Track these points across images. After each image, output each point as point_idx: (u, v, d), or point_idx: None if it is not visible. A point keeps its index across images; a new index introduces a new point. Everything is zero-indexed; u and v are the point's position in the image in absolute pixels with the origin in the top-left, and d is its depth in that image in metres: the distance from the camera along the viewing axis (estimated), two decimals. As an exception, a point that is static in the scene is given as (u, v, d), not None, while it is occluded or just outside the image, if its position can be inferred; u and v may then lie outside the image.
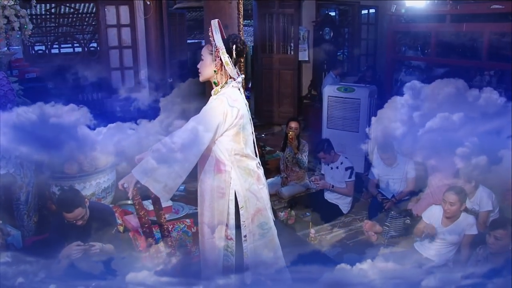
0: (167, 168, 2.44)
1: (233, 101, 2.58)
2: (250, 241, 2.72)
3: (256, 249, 2.74)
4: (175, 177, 2.48)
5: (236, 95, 2.64)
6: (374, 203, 4.72)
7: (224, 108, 2.54)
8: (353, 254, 4.06)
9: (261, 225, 2.76)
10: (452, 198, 3.53)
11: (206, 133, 2.50)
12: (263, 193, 2.78)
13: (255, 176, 2.74)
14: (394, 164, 4.71)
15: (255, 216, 2.72)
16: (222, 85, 2.66)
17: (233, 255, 2.71)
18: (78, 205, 3.16)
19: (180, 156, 2.45)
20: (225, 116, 2.54)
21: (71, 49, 8.76)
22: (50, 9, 8.11)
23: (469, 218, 3.61)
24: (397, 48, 6.63)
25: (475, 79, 5.77)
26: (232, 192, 2.65)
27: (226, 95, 2.59)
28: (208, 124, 2.51)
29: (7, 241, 3.42)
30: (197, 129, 2.48)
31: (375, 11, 9.20)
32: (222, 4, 4.39)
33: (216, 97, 2.61)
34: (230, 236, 2.69)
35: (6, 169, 3.56)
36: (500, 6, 5.01)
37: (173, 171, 2.46)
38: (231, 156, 2.64)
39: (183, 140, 2.46)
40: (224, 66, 2.60)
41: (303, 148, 5.13)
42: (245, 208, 2.68)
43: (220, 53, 2.57)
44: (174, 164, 2.45)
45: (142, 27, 6.98)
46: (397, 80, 6.83)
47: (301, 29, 8.17)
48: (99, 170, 4.42)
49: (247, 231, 2.70)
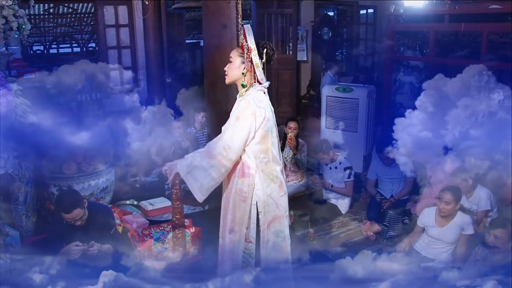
0: (204, 170, 2.58)
1: (259, 102, 2.60)
2: (263, 247, 2.73)
3: (267, 255, 2.74)
4: (210, 180, 2.60)
5: (261, 97, 2.66)
6: (373, 203, 4.72)
7: (252, 108, 2.57)
8: (352, 254, 4.06)
9: (276, 232, 2.76)
10: (447, 197, 3.55)
11: (240, 137, 2.56)
12: (283, 201, 2.78)
13: (277, 182, 2.73)
14: (393, 164, 4.71)
15: (271, 222, 2.73)
16: (247, 88, 2.67)
17: (252, 257, 2.73)
18: (76, 205, 3.15)
19: (215, 161, 2.56)
20: (254, 117, 2.57)
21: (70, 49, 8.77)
22: (48, 9, 8.10)
23: (465, 218, 3.62)
24: (396, 48, 6.63)
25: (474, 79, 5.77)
26: (255, 196, 2.67)
27: (252, 96, 2.62)
28: (241, 128, 2.56)
29: (5, 242, 3.41)
30: (231, 135, 2.56)
31: (373, 11, 9.21)
32: (221, 4, 4.38)
33: (242, 98, 2.64)
34: (250, 239, 2.71)
35: (5, 169, 3.56)
36: (499, 6, 5.01)
37: (209, 175, 2.58)
38: (257, 159, 2.65)
39: (219, 146, 2.57)
40: (253, 68, 2.63)
41: (302, 148, 5.14)
42: (263, 213, 2.69)
43: (252, 54, 2.61)
44: (211, 168, 2.57)
45: (141, 27, 6.97)
46: (395, 80, 6.84)
47: (300, 29, 8.18)
48: (97, 170, 4.42)
49: (262, 237, 2.72)
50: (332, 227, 4.58)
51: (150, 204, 4.45)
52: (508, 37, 5.30)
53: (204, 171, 2.57)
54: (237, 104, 2.67)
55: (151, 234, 3.70)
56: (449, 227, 3.62)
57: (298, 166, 5.08)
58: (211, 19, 4.45)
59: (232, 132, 2.57)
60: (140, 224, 3.98)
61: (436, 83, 4.12)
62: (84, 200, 3.36)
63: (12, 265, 2.82)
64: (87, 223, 3.27)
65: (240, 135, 2.56)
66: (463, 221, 3.60)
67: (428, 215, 3.76)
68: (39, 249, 3.17)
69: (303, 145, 5.16)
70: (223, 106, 4.49)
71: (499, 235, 3.17)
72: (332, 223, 4.64)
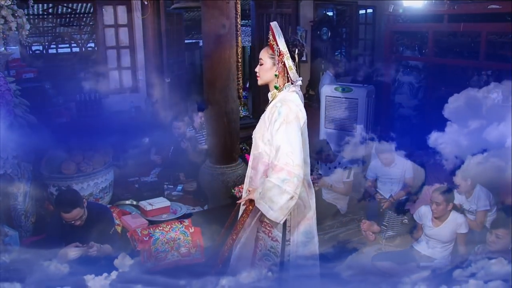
0: (277, 188, 2.41)
1: (296, 106, 2.58)
2: (293, 247, 2.71)
3: (297, 255, 2.73)
4: (287, 197, 2.42)
5: (297, 100, 2.63)
6: (372, 203, 4.72)
7: (295, 112, 2.53)
8: (351, 254, 4.07)
9: (305, 233, 2.75)
10: (438, 198, 3.59)
11: (297, 140, 2.48)
12: (312, 203, 2.77)
13: (306, 184, 2.72)
14: (392, 164, 4.72)
15: (301, 223, 2.72)
16: (280, 89, 2.64)
17: (278, 256, 2.70)
18: (76, 205, 3.15)
19: (285, 174, 2.41)
20: (298, 119, 2.54)
21: (69, 49, 8.76)
22: (47, 9, 8.09)
23: (458, 218, 3.66)
24: (395, 48, 6.63)
25: (473, 79, 5.78)
26: None
27: (289, 100, 2.57)
28: (292, 132, 2.48)
29: (4, 242, 3.41)
30: (287, 141, 2.45)
31: (372, 11, 9.21)
32: (220, 4, 4.39)
33: (281, 103, 2.56)
34: (276, 238, 2.68)
35: (4, 169, 3.56)
36: (498, 6, 5.01)
37: (284, 191, 2.41)
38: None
39: (281, 157, 2.42)
40: (287, 70, 2.57)
41: (301, 148, 5.13)
42: (292, 215, 2.66)
43: (285, 58, 2.54)
44: (283, 183, 2.40)
45: (140, 27, 6.96)
46: (395, 80, 6.84)
47: (299, 29, 8.17)
48: (96, 170, 4.42)
49: (291, 237, 2.70)
50: (331, 227, 4.58)
51: (150, 204, 4.45)
52: (507, 37, 5.30)
53: (277, 189, 2.41)
54: (275, 108, 2.57)
55: (150, 234, 3.70)
56: (443, 227, 3.67)
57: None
58: (210, 19, 4.45)
59: (286, 138, 2.46)
60: (139, 224, 3.98)
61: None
62: (84, 200, 3.36)
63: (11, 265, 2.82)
64: (86, 223, 3.27)
65: (296, 138, 2.47)
66: (456, 221, 3.64)
67: (424, 214, 3.78)
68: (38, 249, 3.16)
69: (302, 145, 5.16)
70: (222, 106, 4.50)
71: (501, 234, 3.18)
72: (331, 223, 4.64)
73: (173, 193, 5.09)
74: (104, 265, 2.87)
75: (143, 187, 5.28)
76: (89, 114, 6.53)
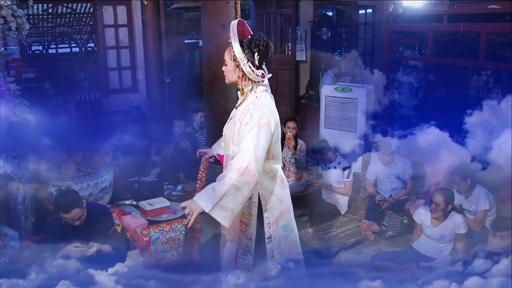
0: (235, 191, 2.33)
1: (269, 109, 2.53)
2: (275, 242, 2.73)
3: (281, 249, 2.76)
4: (241, 201, 2.39)
5: (269, 101, 2.60)
6: (372, 203, 4.72)
7: (267, 117, 2.48)
8: (351, 253, 4.07)
9: (284, 226, 2.77)
10: (437, 199, 3.59)
11: (264, 147, 2.45)
12: (287, 197, 2.79)
13: (279, 180, 2.73)
14: (392, 164, 4.72)
15: (279, 218, 2.73)
16: (248, 89, 2.60)
17: (251, 255, 2.73)
18: (75, 205, 3.15)
19: (249, 178, 2.36)
20: (269, 125, 2.49)
21: (69, 49, 8.76)
22: (47, 9, 8.09)
23: (457, 218, 3.66)
24: (395, 48, 6.64)
25: (472, 79, 5.79)
26: (256, 194, 2.64)
27: (262, 103, 2.53)
28: (262, 138, 2.44)
29: (4, 242, 3.41)
30: (256, 145, 2.40)
31: (372, 11, 9.20)
32: (220, 4, 4.39)
33: (253, 106, 2.50)
34: (250, 237, 2.71)
35: (4, 169, 3.56)
36: (497, 6, 5.02)
37: (241, 195, 2.36)
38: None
39: (247, 160, 2.36)
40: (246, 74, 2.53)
41: (301, 148, 5.13)
42: (269, 212, 2.68)
43: (241, 64, 2.49)
44: (244, 186, 2.35)
45: (140, 27, 6.97)
46: (394, 80, 6.84)
47: (299, 29, 8.17)
48: (96, 170, 4.42)
49: (272, 233, 2.71)
50: (331, 227, 4.58)
51: (149, 204, 4.45)
52: (507, 37, 5.30)
53: (234, 193, 2.33)
54: (247, 110, 2.51)
55: (150, 234, 3.70)
56: (442, 227, 3.67)
57: (297, 166, 5.08)
58: (210, 19, 4.46)
59: (253, 143, 2.40)
60: (139, 224, 3.97)
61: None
62: (83, 200, 3.36)
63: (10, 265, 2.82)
64: (86, 223, 3.27)
65: (263, 144, 2.44)
66: (455, 222, 3.64)
67: (423, 214, 3.78)
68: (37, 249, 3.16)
69: (301, 145, 5.16)
70: (222, 106, 4.51)
71: (506, 237, 3.18)
72: (331, 223, 4.64)
73: (173, 193, 5.09)
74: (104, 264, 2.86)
75: (143, 187, 5.28)
76: (89, 114, 6.54)
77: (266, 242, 2.72)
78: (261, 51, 2.51)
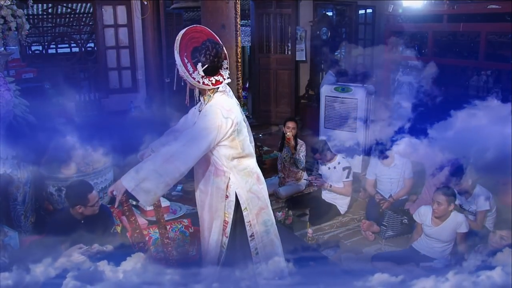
0: (157, 178, 2.40)
1: (226, 112, 2.53)
2: (258, 239, 2.78)
3: (263, 244, 2.80)
4: (164, 187, 2.46)
5: (228, 103, 2.60)
6: (372, 203, 4.73)
7: (218, 121, 2.49)
8: (351, 254, 4.07)
9: (264, 222, 2.81)
10: (440, 198, 3.59)
11: (199, 145, 2.47)
12: (264, 192, 2.82)
13: (254, 176, 2.77)
14: (392, 164, 4.72)
15: (258, 215, 2.77)
16: (208, 96, 2.62)
17: (225, 249, 2.77)
18: (90, 190, 3.19)
19: (171, 167, 2.42)
20: (219, 129, 2.50)
21: (68, 49, 8.76)
22: (47, 9, 8.09)
23: (458, 217, 3.66)
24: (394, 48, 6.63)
25: (472, 79, 5.78)
26: (232, 193, 2.68)
27: (219, 105, 2.54)
28: (201, 138, 2.47)
29: (4, 242, 3.41)
30: (191, 141, 2.46)
31: (372, 11, 9.21)
32: (219, 4, 4.39)
33: (210, 108, 2.55)
34: (226, 234, 2.75)
35: (3, 169, 3.55)
36: (497, 6, 5.02)
37: (163, 181, 2.42)
38: (228, 162, 2.65)
39: (176, 151, 2.43)
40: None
41: (301, 148, 5.13)
42: (248, 210, 2.73)
43: (185, 76, 2.52)
44: (165, 174, 2.41)
45: (139, 27, 6.97)
46: (394, 80, 6.83)
47: (299, 29, 8.17)
48: (96, 170, 4.41)
49: (254, 231, 2.76)
50: (331, 227, 4.58)
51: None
52: (506, 37, 5.30)
53: (157, 178, 2.40)
54: (204, 112, 2.56)
55: (149, 234, 3.70)
56: (443, 226, 3.67)
57: (297, 166, 5.08)
58: (210, 19, 4.45)
59: (194, 141, 2.46)
60: (139, 224, 3.96)
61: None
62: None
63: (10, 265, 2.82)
64: (87, 222, 3.27)
65: (201, 146, 2.47)
66: (456, 220, 3.65)
67: (424, 214, 3.79)
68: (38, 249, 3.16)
69: (301, 145, 5.16)
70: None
71: (506, 236, 3.19)
72: (331, 223, 4.64)
73: (173, 193, 5.09)
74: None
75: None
76: (89, 114, 6.53)
77: (249, 240, 2.76)
78: (209, 60, 2.50)
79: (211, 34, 2.63)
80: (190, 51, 2.51)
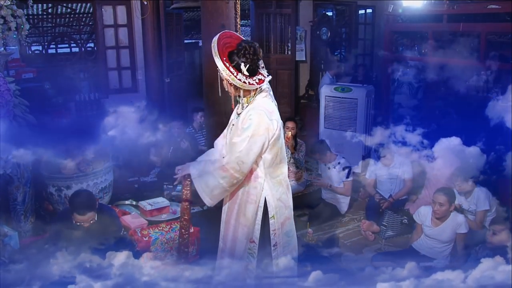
0: (216, 179, 2.55)
1: (270, 114, 2.53)
2: (279, 248, 2.75)
3: (284, 255, 2.77)
4: (221, 189, 2.58)
5: (271, 106, 2.59)
6: (372, 203, 4.73)
7: (266, 124, 2.49)
8: (351, 253, 4.07)
9: (287, 232, 2.78)
10: (441, 198, 3.59)
11: (255, 153, 2.50)
12: (290, 202, 2.81)
13: (285, 185, 2.75)
14: (392, 164, 4.72)
15: (283, 224, 2.75)
16: (250, 98, 2.61)
17: (255, 258, 2.73)
18: (91, 208, 3.14)
19: (228, 174, 2.52)
20: (268, 132, 2.50)
21: (68, 49, 8.75)
22: (47, 9, 8.09)
23: (458, 218, 3.67)
24: (394, 47, 6.63)
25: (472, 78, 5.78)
26: (262, 199, 2.66)
27: (262, 107, 2.53)
28: (255, 145, 2.48)
29: (4, 242, 3.41)
30: (246, 151, 2.48)
31: (372, 11, 9.21)
32: (219, 4, 4.39)
33: (253, 111, 2.52)
34: (253, 240, 2.71)
35: (3, 169, 3.55)
36: (497, 6, 5.02)
37: (220, 184, 2.55)
38: (265, 168, 2.63)
39: (233, 161, 2.49)
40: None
41: (300, 148, 5.14)
42: (275, 218, 2.70)
43: (230, 79, 2.48)
44: (223, 179, 2.53)
45: (139, 27, 6.96)
46: (394, 80, 6.84)
47: (298, 29, 8.17)
48: (96, 170, 4.41)
49: (277, 240, 2.73)
50: (331, 227, 4.58)
51: (149, 204, 4.45)
52: (506, 37, 5.30)
53: (215, 179, 2.55)
54: (247, 114, 2.54)
55: (150, 235, 3.70)
56: (443, 227, 3.67)
57: (297, 166, 5.09)
58: (210, 19, 4.45)
59: (247, 148, 2.47)
60: (139, 224, 3.97)
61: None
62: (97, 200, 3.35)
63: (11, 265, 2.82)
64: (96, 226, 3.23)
65: (255, 151, 2.49)
66: (456, 221, 3.65)
67: (424, 214, 3.79)
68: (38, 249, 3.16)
69: (301, 145, 5.16)
70: (222, 106, 4.49)
71: (497, 230, 3.20)
72: (331, 223, 4.64)
73: (173, 193, 5.08)
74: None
75: (142, 187, 5.28)
76: (89, 114, 6.53)
77: (272, 250, 2.73)
78: (249, 59, 2.49)
79: (240, 37, 2.63)
80: (227, 55, 2.50)
